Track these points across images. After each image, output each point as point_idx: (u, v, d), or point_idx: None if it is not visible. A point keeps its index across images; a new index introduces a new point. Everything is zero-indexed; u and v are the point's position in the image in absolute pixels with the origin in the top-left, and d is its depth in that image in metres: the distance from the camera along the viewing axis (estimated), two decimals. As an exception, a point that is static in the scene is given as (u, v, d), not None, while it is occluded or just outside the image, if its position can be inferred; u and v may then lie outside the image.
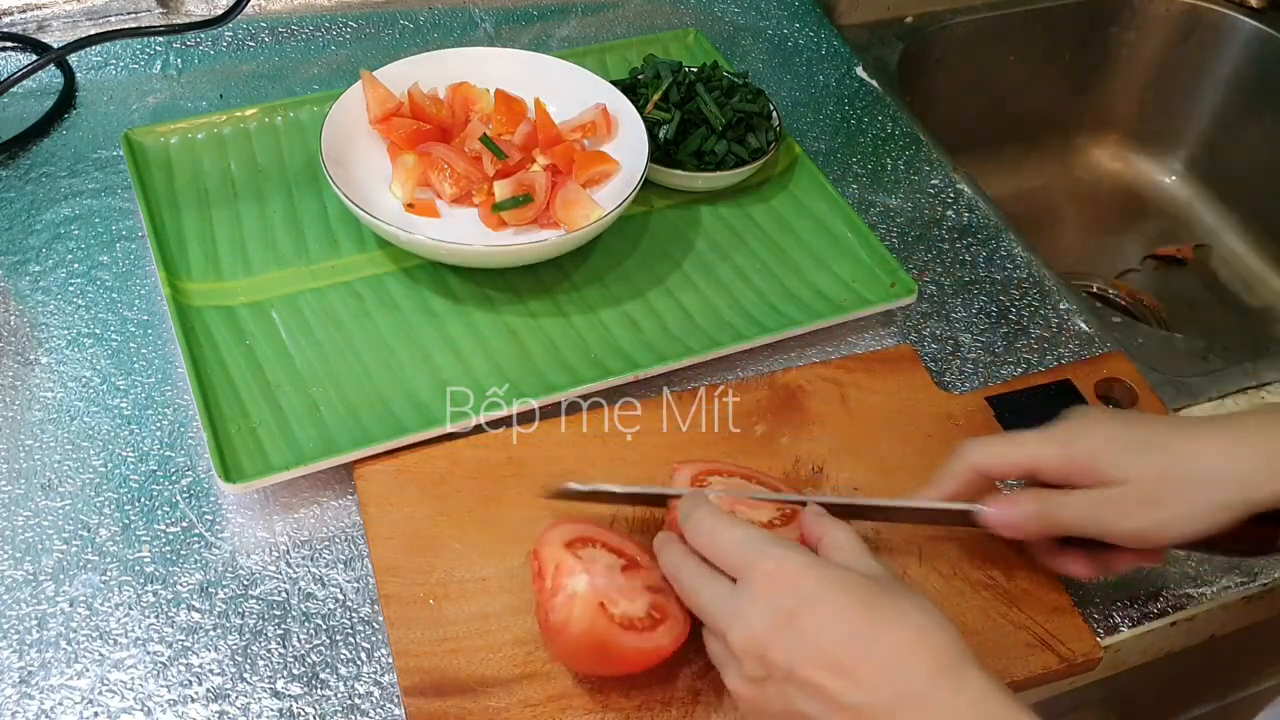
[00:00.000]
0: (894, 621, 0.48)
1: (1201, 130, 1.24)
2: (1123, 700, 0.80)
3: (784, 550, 0.51)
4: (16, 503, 0.64)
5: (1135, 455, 0.56)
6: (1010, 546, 0.64)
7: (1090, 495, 0.57)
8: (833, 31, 1.05)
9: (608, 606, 0.55)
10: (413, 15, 1.00)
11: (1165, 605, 0.66)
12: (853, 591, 0.49)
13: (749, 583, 0.50)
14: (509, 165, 0.79)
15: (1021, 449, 0.59)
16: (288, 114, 0.86)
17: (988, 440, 0.61)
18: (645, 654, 0.55)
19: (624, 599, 0.55)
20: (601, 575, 0.56)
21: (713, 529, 0.53)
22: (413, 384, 0.70)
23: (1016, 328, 0.80)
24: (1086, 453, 0.57)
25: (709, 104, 0.84)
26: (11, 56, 0.92)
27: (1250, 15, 1.16)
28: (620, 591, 0.56)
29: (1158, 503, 0.55)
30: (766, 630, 0.49)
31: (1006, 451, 0.60)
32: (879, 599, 0.49)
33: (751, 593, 0.50)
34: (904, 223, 0.88)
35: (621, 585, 0.56)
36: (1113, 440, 0.57)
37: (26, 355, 0.72)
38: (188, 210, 0.79)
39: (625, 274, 0.79)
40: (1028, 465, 0.59)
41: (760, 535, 0.52)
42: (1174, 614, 0.66)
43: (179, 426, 0.69)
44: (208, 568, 0.63)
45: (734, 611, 0.50)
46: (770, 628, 0.49)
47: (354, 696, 0.58)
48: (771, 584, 0.50)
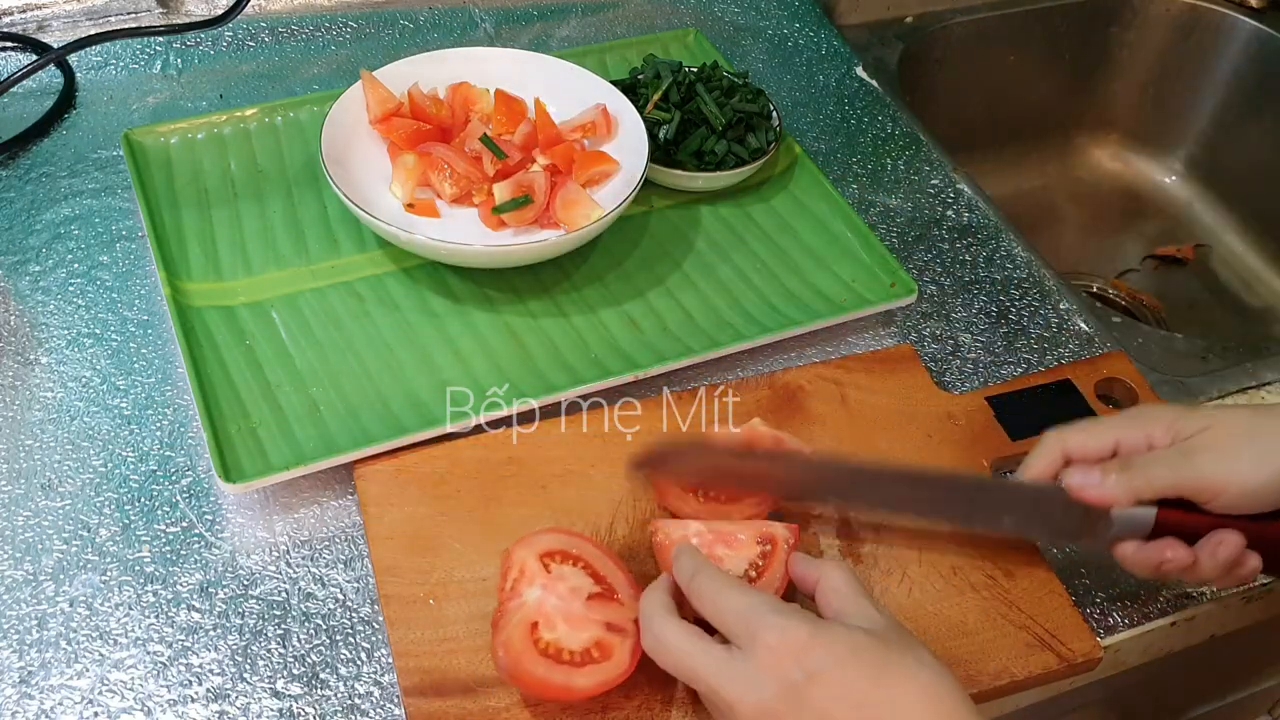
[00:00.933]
0: (900, 682, 0.49)
1: (1201, 130, 1.24)
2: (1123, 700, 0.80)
3: (787, 619, 0.50)
4: (16, 503, 0.64)
5: (1214, 409, 0.60)
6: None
7: (1174, 449, 0.58)
8: (833, 31, 1.05)
9: (540, 629, 0.54)
10: (413, 15, 1.00)
11: (1165, 605, 0.66)
12: (860, 656, 0.49)
13: (754, 654, 0.50)
14: (509, 165, 0.79)
15: (1100, 425, 0.61)
16: (288, 114, 0.86)
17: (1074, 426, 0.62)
18: (553, 688, 0.54)
19: (567, 626, 0.55)
20: (559, 596, 0.55)
21: (715, 594, 0.53)
22: (413, 384, 0.70)
23: (1016, 328, 0.80)
24: (1167, 415, 0.59)
25: (709, 104, 0.84)
26: (11, 56, 0.92)
27: (1250, 15, 1.16)
28: (568, 618, 0.55)
29: (1239, 445, 0.57)
30: (776, 702, 0.49)
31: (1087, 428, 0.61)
32: (884, 659, 0.49)
33: (758, 663, 0.50)
34: (904, 223, 0.88)
35: (574, 612, 0.55)
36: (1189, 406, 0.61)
37: (26, 355, 0.72)
38: (188, 210, 0.79)
39: (625, 274, 0.79)
40: (1105, 438, 0.61)
41: (764, 602, 0.52)
42: (1174, 614, 0.66)
43: (179, 426, 0.69)
44: (208, 568, 0.63)
45: (743, 683, 0.50)
46: (780, 699, 0.49)
47: (354, 696, 0.58)
48: (777, 657, 0.49)
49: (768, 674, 0.49)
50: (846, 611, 0.52)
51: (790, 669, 0.49)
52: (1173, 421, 0.59)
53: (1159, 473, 0.58)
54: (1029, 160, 1.28)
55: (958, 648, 0.61)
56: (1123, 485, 0.59)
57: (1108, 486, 0.59)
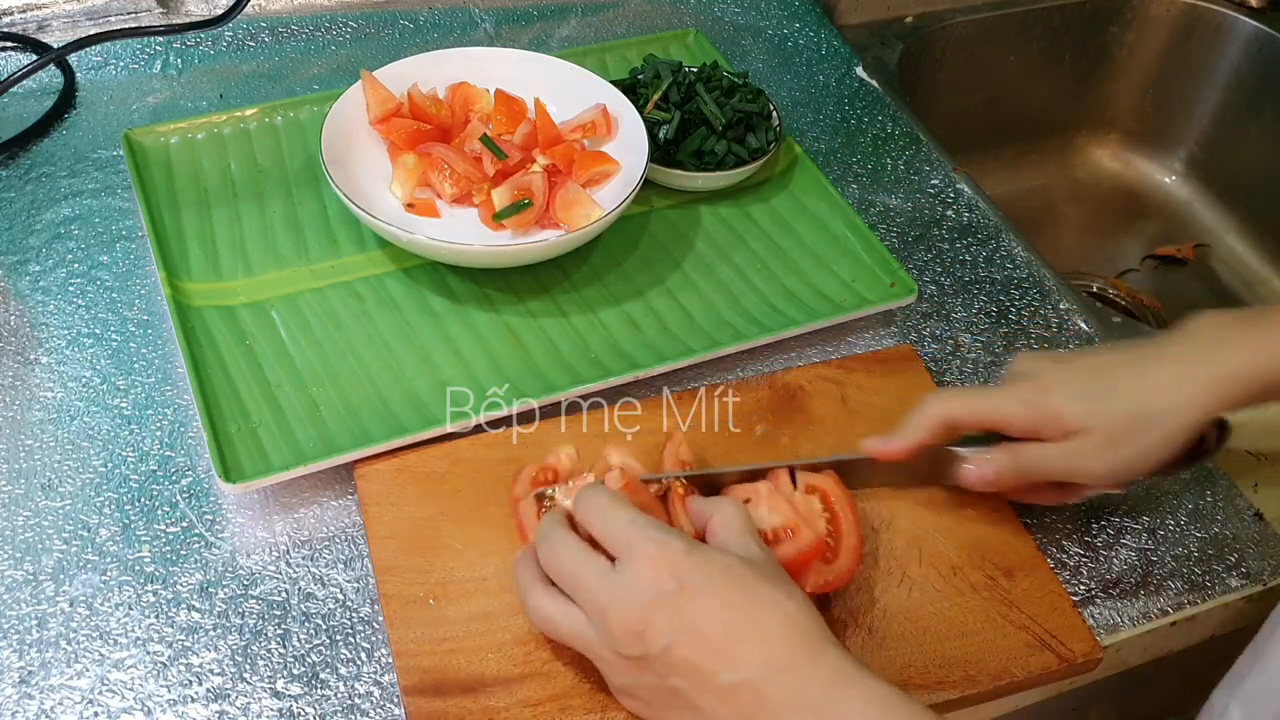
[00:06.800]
0: (767, 608, 0.51)
1: (1201, 130, 1.24)
2: (1123, 700, 0.80)
3: (667, 535, 0.53)
4: (16, 503, 0.64)
5: (1096, 404, 0.61)
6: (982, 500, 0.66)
7: (1060, 447, 0.61)
8: (833, 31, 1.05)
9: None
10: (413, 15, 1.00)
11: (1165, 605, 0.66)
12: (732, 578, 0.52)
13: (632, 562, 0.52)
14: (509, 165, 0.79)
15: (989, 404, 0.63)
16: (288, 114, 0.86)
17: (956, 393, 0.65)
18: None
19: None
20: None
21: (603, 508, 0.55)
22: (413, 384, 0.70)
23: (1016, 328, 0.80)
24: (1051, 410, 0.61)
25: (709, 104, 0.84)
26: (11, 56, 0.92)
27: (1250, 15, 1.16)
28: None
29: (1121, 445, 0.60)
30: (647, 610, 0.51)
31: (978, 407, 0.63)
32: (754, 585, 0.52)
33: (635, 571, 0.52)
34: (904, 223, 0.88)
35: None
36: (1073, 394, 0.61)
37: (26, 355, 0.72)
38: (188, 210, 0.79)
39: (625, 274, 0.79)
40: (996, 421, 0.63)
41: (649, 521, 0.54)
42: (1174, 614, 0.66)
43: (179, 426, 0.69)
44: (208, 568, 0.63)
45: (617, 589, 0.52)
46: (651, 607, 0.51)
47: (354, 696, 0.58)
48: (654, 566, 0.52)
49: (644, 583, 0.51)
50: (730, 543, 0.55)
51: (665, 579, 0.51)
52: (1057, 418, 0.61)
53: (1048, 468, 0.62)
54: (1029, 160, 1.28)
55: (958, 648, 0.61)
56: (1011, 476, 0.63)
57: (996, 478, 0.63)
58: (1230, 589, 0.67)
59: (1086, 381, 0.62)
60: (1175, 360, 0.61)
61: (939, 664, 0.60)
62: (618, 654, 0.52)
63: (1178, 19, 1.19)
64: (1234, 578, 0.68)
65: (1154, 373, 0.61)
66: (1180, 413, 0.60)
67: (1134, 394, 0.61)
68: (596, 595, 0.53)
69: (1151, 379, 0.61)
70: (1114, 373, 0.62)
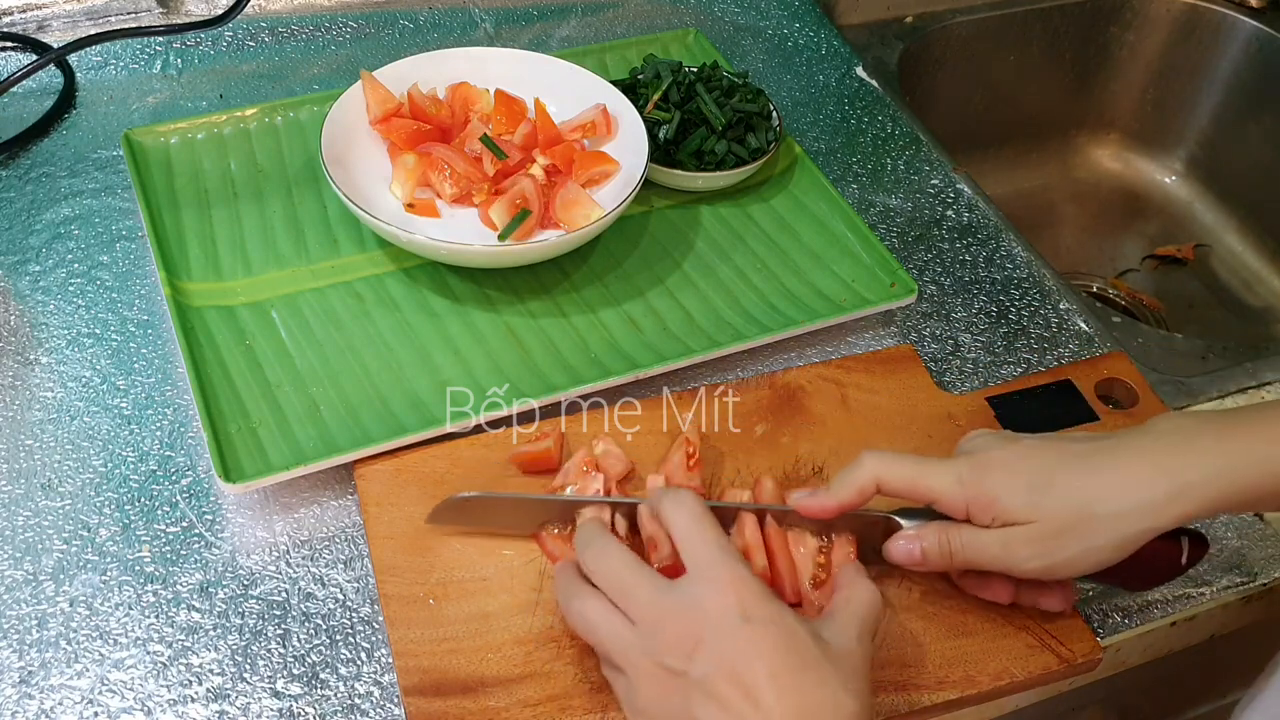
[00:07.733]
0: (817, 685, 0.49)
1: (1201, 130, 1.24)
2: (1123, 700, 0.80)
3: (748, 569, 0.52)
4: (16, 503, 0.64)
5: (1037, 495, 0.56)
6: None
7: (995, 535, 0.57)
8: (833, 31, 1.05)
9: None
10: (413, 15, 1.00)
11: (1165, 605, 0.66)
12: (798, 641, 0.50)
13: (706, 580, 0.51)
14: (509, 165, 0.79)
15: (925, 478, 0.58)
16: (288, 114, 0.86)
17: (893, 458, 0.59)
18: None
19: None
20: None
21: (697, 518, 0.54)
22: (413, 384, 0.70)
23: (1016, 328, 0.80)
24: (988, 495, 0.56)
25: (709, 104, 0.84)
26: (11, 56, 0.92)
27: (1250, 15, 1.16)
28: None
29: (1061, 541, 0.55)
30: (706, 628, 0.50)
31: (911, 476, 0.58)
32: (821, 665, 0.50)
33: (707, 587, 0.51)
34: (904, 223, 0.88)
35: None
36: (1013, 481, 0.56)
37: (26, 355, 0.72)
38: (188, 210, 0.79)
39: (625, 274, 0.79)
40: (924, 492, 0.58)
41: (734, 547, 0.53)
42: (1174, 614, 0.66)
43: (179, 426, 0.69)
44: (208, 568, 0.63)
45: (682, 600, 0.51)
46: (710, 627, 0.50)
47: (354, 696, 0.58)
48: (726, 591, 0.50)
49: (712, 602, 0.50)
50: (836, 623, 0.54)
51: (733, 606, 0.50)
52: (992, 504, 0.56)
53: (979, 555, 0.57)
54: (1029, 160, 1.28)
55: (958, 648, 0.61)
56: (939, 558, 0.59)
57: (923, 558, 0.59)
58: (1230, 589, 0.67)
59: (1032, 468, 0.56)
60: (1133, 461, 0.56)
61: (939, 664, 0.60)
62: (658, 663, 0.51)
63: (1178, 19, 1.19)
64: (1234, 578, 0.68)
65: (1107, 471, 0.56)
66: (1130, 519, 0.54)
67: (1081, 491, 0.55)
68: (653, 603, 0.51)
69: (1104, 477, 0.55)
70: (1064, 464, 0.56)
